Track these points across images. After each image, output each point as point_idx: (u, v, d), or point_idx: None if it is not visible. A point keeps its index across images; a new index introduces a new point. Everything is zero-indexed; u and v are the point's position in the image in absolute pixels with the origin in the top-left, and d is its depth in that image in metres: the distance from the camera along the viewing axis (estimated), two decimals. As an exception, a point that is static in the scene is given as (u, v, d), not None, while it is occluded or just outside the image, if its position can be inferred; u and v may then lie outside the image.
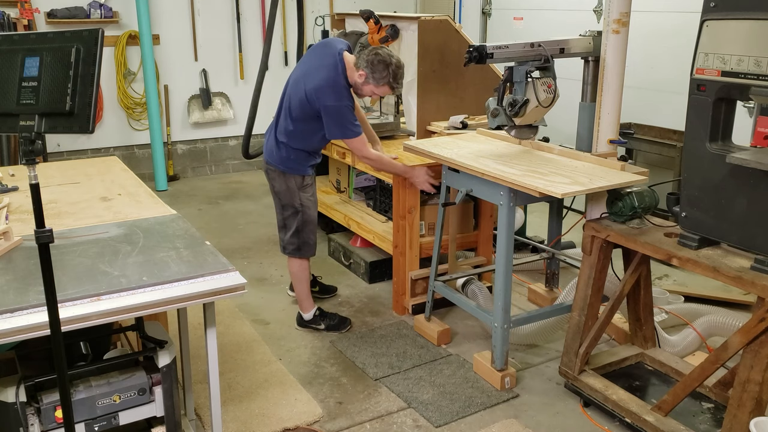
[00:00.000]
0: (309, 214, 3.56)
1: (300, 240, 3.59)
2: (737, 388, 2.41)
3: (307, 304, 3.74)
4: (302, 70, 3.48)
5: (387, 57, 3.31)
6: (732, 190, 2.44)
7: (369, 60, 3.29)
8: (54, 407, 2.08)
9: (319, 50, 3.52)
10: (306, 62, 3.52)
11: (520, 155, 3.29)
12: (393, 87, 3.39)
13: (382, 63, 3.29)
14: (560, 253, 3.88)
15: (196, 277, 2.16)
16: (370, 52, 3.32)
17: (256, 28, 7.01)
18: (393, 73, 3.32)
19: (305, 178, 3.53)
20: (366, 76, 3.32)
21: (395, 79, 3.34)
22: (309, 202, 3.55)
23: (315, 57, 3.48)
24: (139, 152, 6.77)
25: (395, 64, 3.32)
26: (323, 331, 3.72)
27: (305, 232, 3.58)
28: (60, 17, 6.03)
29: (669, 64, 4.95)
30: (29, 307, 1.93)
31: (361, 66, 3.32)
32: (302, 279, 3.69)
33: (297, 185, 3.50)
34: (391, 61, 3.31)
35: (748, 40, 2.31)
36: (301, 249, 3.61)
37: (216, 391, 2.33)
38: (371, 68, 3.30)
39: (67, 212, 2.80)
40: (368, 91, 3.40)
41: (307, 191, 3.54)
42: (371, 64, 3.29)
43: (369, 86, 3.36)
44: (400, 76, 3.37)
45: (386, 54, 3.32)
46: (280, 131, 3.49)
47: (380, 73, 3.30)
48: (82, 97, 1.68)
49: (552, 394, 3.16)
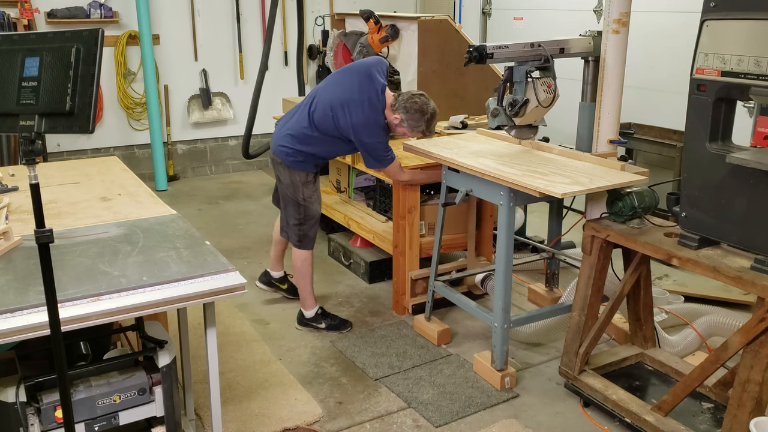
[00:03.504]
0: (312, 208, 3.62)
1: (301, 232, 3.64)
2: (737, 388, 2.41)
3: (310, 302, 3.74)
4: (341, 92, 3.44)
5: (423, 106, 3.39)
6: (732, 190, 2.44)
7: (407, 107, 3.38)
8: (54, 407, 2.08)
9: (363, 79, 3.45)
10: (347, 86, 3.45)
11: (520, 155, 3.29)
12: (426, 134, 3.51)
13: (419, 112, 3.38)
14: (560, 253, 3.88)
15: (196, 277, 2.16)
16: (410, 99, 3.39)
17: (256, 28, 7.01)
18: (427, 122, 3.43)
19: (308, 174, 3.59)
20: (401, 120, 3.41)
21: (428, 128, 3.46)
22: (312, 197, 3.61)
23: (357, 84, 3.43)
24: (139, 152, 6.77)
25: (430, 113, 3.42)
26: (323, 330, 3.72)
27: (306, 225, 3.63)
28: (60, 17, 6.03)
29: (669, 64, 4.95)
30: (29, 307, 1.93)
31: (398, 110, 3.40)
32: (305, 274, 3.70)
33: (301, 180, 3.57)
34: (427, 110, 3.39)
35: (748, 40, 2.31)
36: (302, 241, 3.66)
37: (216, 391, 2.33)
38: (408, 115, 3.40)
39: (67, 212, 2.80)
40: (401, 132, 3.52)
41: (310, 187, 3.60)
42: (408, 111, 3.39)
43: (403, 129, 3.46)
44: (433, 125, 3.48)
45: (423, 103, 3.39)
46: (295, 129, 3.52)
47: (416, 121, 3.40)
48: (82, 97, 1.68)
49: (552, 394, 3.16)
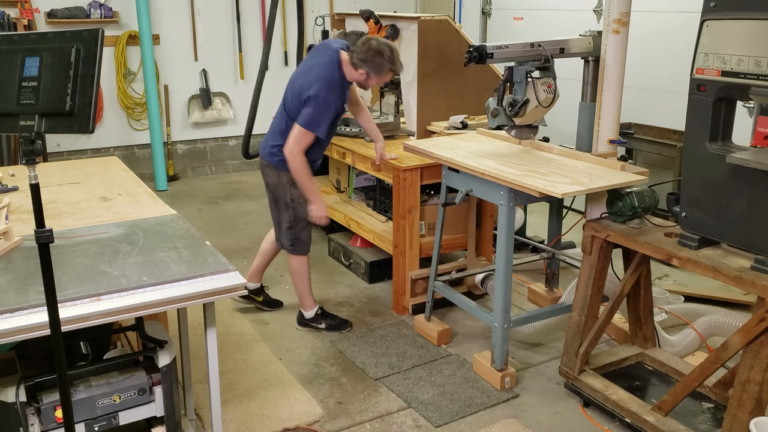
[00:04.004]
0: (301, 210, 3.54)
1: (293, 236, 3.58)
2: (737, 388, 2.41)
3: (309, 302, 3.74)
4: (300, 70, 3.52)
5: (379, 47, 3.30)
6: (732, 190, 2.44)
7: (365, 58, 3.30)
8: (54, 407, 2.08)
9: (316, 50, 3.55)
10: (304, 63, 3.56)
11: (520, 155, 3.29)
12: (395, 71, 3.42)
13: (378, 55, 3.30)
14: (560, 253, 3.88)
15: (196, 277, 2.16)
16: (363, 49, 3.31)
17: (256, 28, 7.01)
18: (391, 61, 3.33)
19: None
20: (366, 72, 3.34)
21: (393, 63, 3.35)
22: (301, 199, 3.52)
23: (312, 57, 3.52)
24: (139, 152, 6.77)
25: (389, 50, 3.32)
26: (323, 330, 3.72)
27: (297, 228, 3.57)
28: (60, 17, 6.03)
29: (669, 64, 4.95)
30: (29, 307, 1.93)
31: (358, 65, 3.33)
32: (302, 276, 3.68)
33: (288, 181, 3.48)
34: (383, 49, 3.30)
35: (748, 40, 2.31)
36: (295, 245, 3.60)
37: (216, 391, 2.33)
38: (369, 64, 3.32)
39: (67, 212, 2.80)
40: (374, 83, 3.44)
41: (299, 188, 3.51)
42: (367, 61, 3.31)
43: (373, 79, 3.39)
44: (396, 58, 3.37)
45: (376, 45, 3.31)
46: (274, 126, 3.52)
47: (379, 66, 3.32)
48: (82, 97, 1.68)
49: (552, 394, 3.16)
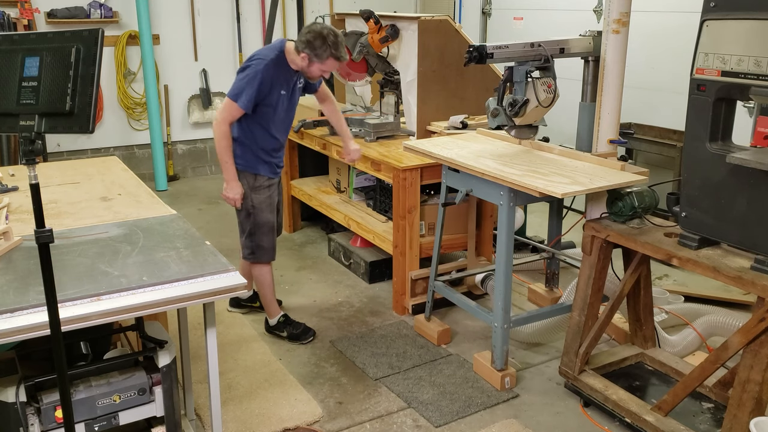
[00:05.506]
0: (261, 216, 3.43)
1: (253, 243, 3.47)
2: (737, 388, 2.41)
3: (272, 310, 3.66)
4: None
5: (321, 30, 3.17)
6: (732, 190, 2.44)
7: (305, 40, 3.18)
8: (54, 407, 2.08)
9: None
10: None
11: (520, 155, 3.29)
12: (337, 57, 3.23)
13: (319, 37, 3.16)
14: (560, 253, 3.88)
15: (196, 277, 2.16)
16: (306, 31, 3.21)
17: (256, 28, 7.01)
18: (332, 43, 3.18)
19: (257, 177, 3.41)
20: (308, 56, 3.21)
21: (336, 48, 3.20)
22: (262, 205, 3.43)
23: None
24: (139, 152, 6.77)
25: (332, 34, 3.18)
26: (285, 339, 3.64)
27: (257, 235, 3.46)
28: (60, 17, 6.03)
29: (669, 64, 4.95)
30: (29, 307, 1.93)
31: (300, 48, 3.21)
32: (264, 284, 3.59)
33: (248, 184, 3.40)
34: (325, 31, 3.17)
35: (748, 40, 2.31)
36: (255, 253, 3.49)
37: (216, 391, 2.33)
38: (310, 47, 3.18)
39: (67, 212, 2.80)
40: (317, 70, 3.27)
41: (261, 193, 3.42)
42: (308, 43, 3.18)
43: (315, 65, 3.24)
44: (340, 44, 3.21)
45: (319, 27, 3.19)
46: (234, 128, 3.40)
47: (319, 48, 3.18)
48: (82, 97, 1.68)
49: (552, 394, 3.16)
